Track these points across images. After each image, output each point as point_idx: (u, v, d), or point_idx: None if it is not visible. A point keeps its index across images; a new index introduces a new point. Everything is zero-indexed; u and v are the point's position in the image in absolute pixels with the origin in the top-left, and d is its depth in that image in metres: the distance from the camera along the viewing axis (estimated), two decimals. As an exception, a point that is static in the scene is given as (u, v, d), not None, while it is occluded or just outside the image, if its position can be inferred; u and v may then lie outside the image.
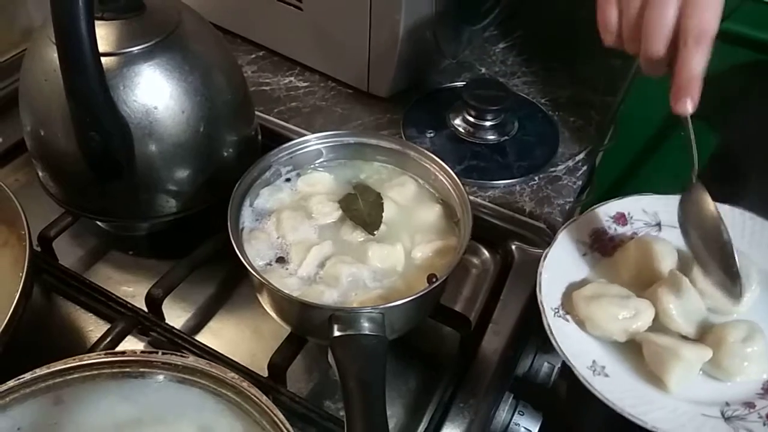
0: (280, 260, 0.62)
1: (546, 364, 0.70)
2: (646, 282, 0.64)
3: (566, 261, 0.66)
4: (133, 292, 0.69)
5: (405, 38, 0.82)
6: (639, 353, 0.60)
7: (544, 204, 0.78)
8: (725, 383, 0.59)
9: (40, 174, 0.69)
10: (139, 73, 0.61)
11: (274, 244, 0.63)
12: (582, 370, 0.57)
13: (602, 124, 0.89)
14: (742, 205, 0.70)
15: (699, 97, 0.56)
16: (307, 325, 0.60)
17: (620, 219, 0.70)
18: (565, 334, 0.60)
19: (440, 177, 0.66)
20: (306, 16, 0.87)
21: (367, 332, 0.54)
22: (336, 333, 0.54)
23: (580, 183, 0.81)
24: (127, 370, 0.51)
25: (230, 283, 0.71)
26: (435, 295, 0.62)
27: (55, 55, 0.56)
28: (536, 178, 0.81)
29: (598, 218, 0.69)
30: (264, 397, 0.49)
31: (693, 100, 0.56)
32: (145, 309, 0.65)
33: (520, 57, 0.98)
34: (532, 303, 0.63)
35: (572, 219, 0.69)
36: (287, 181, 0.68)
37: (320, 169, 0.69)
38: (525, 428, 0.64)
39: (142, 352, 0.52)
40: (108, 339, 0.62)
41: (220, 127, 0.67)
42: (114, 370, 0.51)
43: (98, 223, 0.74)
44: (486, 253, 0.76)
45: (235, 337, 0.67)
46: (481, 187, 0.79)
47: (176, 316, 0.67)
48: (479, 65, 0.97)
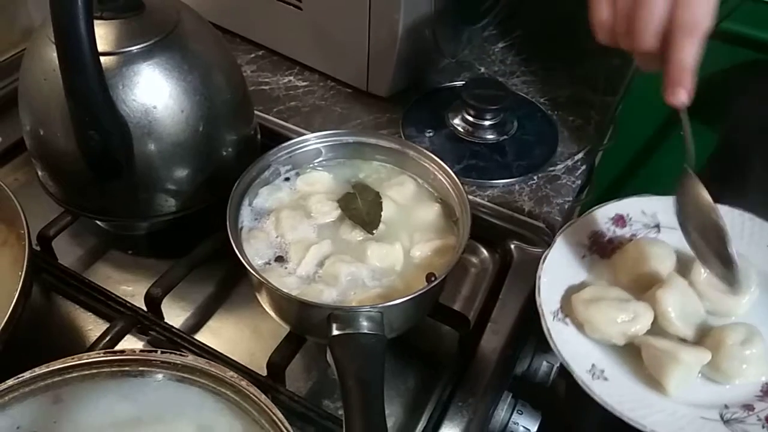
0: (279, 259, 0.62)
1: (545, 363, 0.70)
2: (644, 284, 0.64)
3: (565, 264, 0.66)
4: (133, 291, 0.69)
5: (404, 37, 0.82)
6: (638, 356, 0.60)
7: (543, 203, 0.78)
8: (724, 386, 0.59)
9: (40, 173, 0.69)
10: (138, 73, 0.61)
11: (273, 243, 0.63)
12: (581, 374, 0.57)
13: (601, 123, 0.89)
14: (742, 205, 0.69)
15: (692, 89, 0.56)
16: (306, 324, 0.60)
17: (619, 221, 0.70)
18: (564, 338, 0.60)
19: (439, 176, 0.66)
20: (305, 15, 0.87)
21: (366, 331, 0.54)
22: (335, 332, 0.54)
23: (579, 182, 0.81)
24: (127, 369, 0.51)
25: (229, 283, 0.71)
26: (434, 294, 0.62)
27: (55, 55, 0.56)
28: (535, 178, 0.81)
29: (596, 220, 0.69)
30: (263, 396, 0.49)
31: (686, 91, 0.56)
32: (145, 308, 0.65)
33: (520, 56, 0.98)
34: (531, 302, 0.63)
35: (571, 221, 0.69)
36: (286, 180, 0.68)
37: (319, 169, 0.69)
38: (524, 427, 0.64)
39: (141, 351, 0.52)
40: (107, 338, 0.62)
41: (219, 126, 0.67)
42: (113, 369, 0.51)
43: (97, 222, 0.74)
44: (485, 252, 0.76)
45: (234, 336, 0.67)
46: (480, 187, 0.80)
47: (175, 315, 0.67)
48: (478, 65, 0.97)
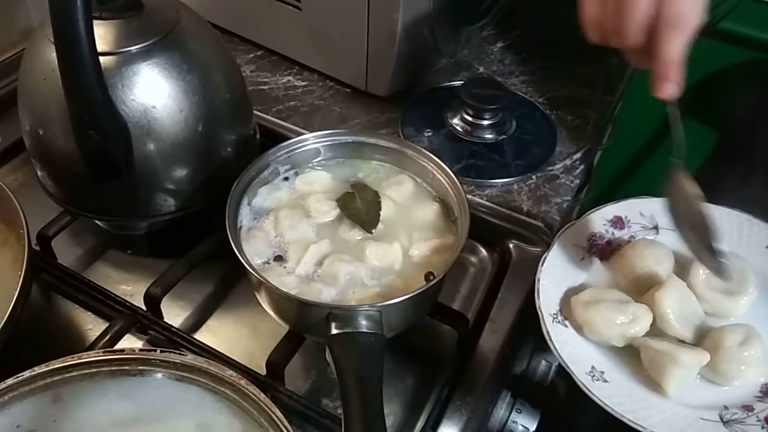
0: (278, 259, 0.62)
1: (543, 362, 0.70)
2: (643, 285, 0.64)
3: (564, 266, 0.66)
4: (132, 290, 0.69)
5: (403, 37, 0.82)
6: (637, 358, 0.60)
7: (542, 203, 0.78)
8: (723, 387, 0.59)
9: (39, 173, 0.69)
10: (137, 73, 0.61)
11: (272, 242, 0.63)
12: (581, 376, 0.57)
13: (600, 123, 0.89)
14: (740, 206, 0.70)
15: (680, 83, 0.56)
16: (305, 323, 0.60)
17: (617, 223, 0.70)
18: (563, 340, 0.60)
19: (438, 175, 0.66)
20: (304, 15, 0.87)
21: (365, 330, 0.54)
22: (334, 331, 0.54)
23: (577, 182, 0.81)
24: (126, 368, 0.51)
25: (228, 282, 0.71)
26: (432, 293, 0.62)
27: (54, 55, 0.56)
28: (534, 177, 0.81)
29: (595, 222, 0.69)
30: (262, 394, 0.49)
31: (673, 84, 0.56)
32: (144, 307, 0.65)
33: (518, 56, 0.99)
34: (530, 301, 0.63)
35: (570, 223, 0.69)
36: (285, 179, 0.68)
37: (318, 168, 0.69)
38: (522, 426, 0.65)
39: (140, 350, 0.52)
40: (107, 337, 0.62)
41: (218, 126, 0.67)
42: (112, 368, 0.51)
43: (97, 222, 0.74)
44: (484, 251, 0.76)
45: (234, 335, 0.67)
46: (478, 186, 0.80)
47: (175, 314, 0.67)
48: (477, 64, 0.97)
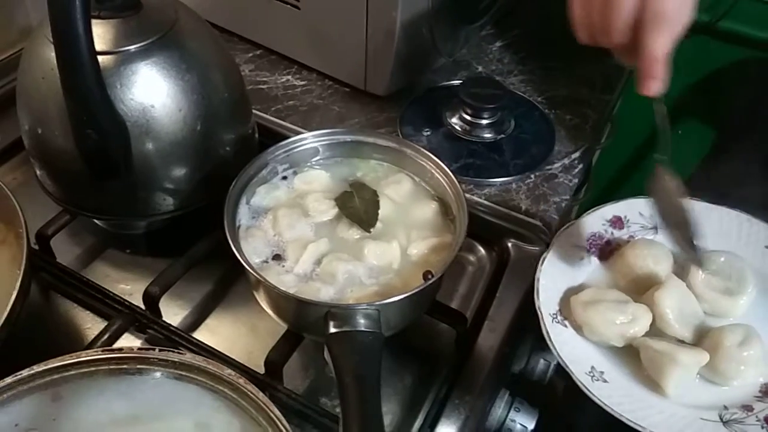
0: (277, 258, 0.62)
1: (542, 360, 0.70)
2: (642, 285, 0.64)
3: (563, 266, 0.66)
4: (131, 289, 0.69)
5: (402, 36, 0.82)
6: (637, 358, 0.60)
7: (540, 202, 0.78)
8: (723, 387, 0.59)
9: (38, 172, 0.69)
10: (136, 72, 0.61)
11: (270, 241, 0.63)
12: (581, 376, 0.57)
13: (598, 122, 0.89)
14: (739, 206, 0.70)
15: (665, 79, 0.56)
16: (303, 322, 0.60)
17: (617, 222, 0.70)
18: (563, 340, 0.60)
19: (436, 174, 0.66)
20: (303, 14, 0.87)
21: (363, 329, 0.54)
22: (332, 329, 0.54)
23: (576, 181, 0.81)
24: (125, 366, 0.51)
25: (227, 281, 0.71)
26: (430, 292, 0.63)
27: (53, 54, 0.56)
28: (532, 176, 0.81)
29: (594, 222, 0.69)
30: (261, 393, 0.49)
31: (657, 81, 0.56)
32: (143, 306, 0.65)
33: (517, 55, 0.99)
34: (528, 300, 0.64)
35: (569, 223, 0.69)
36: (284, 179, 0.68)
37: (317, 167, 0.69)
38: (521, 424, 0.65)
39: (139, 349, 0.52)
40: (105, 336, 0.63)
41: (217, 125, 0.67)
42: (111, 367, 0.51)
43: (96, 221, 0.74)
44: (482, 250, 0.76)
45: (232, 334, 0.67)
46: (477, 185, 0.80)
47: (173, 313, 0.68)
48: (476, 64, 0.97)
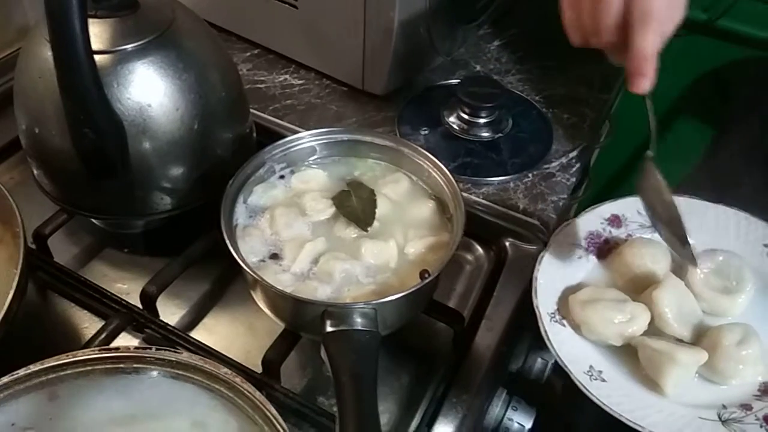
0: (274, 257, 0.62)
1: (539, 359, 0.70)
2: (641, 284, 0.64)
3: (561, 265, 0.66)
4: (128, 289, 0.69)
5: (400, 35, 0.82)
6: (635, 357, 0.60)
7: (538, 201, 0.78)
8: (721, 386, 0.59)
9: (35, 172, 0.69)
10: (133, 71, 0.61)
11: (267, 240, 0.63)
12: (579, 376, 0.57)
13: (596, 121, 0.89)
14: (737, 204, 0.70)
15: (653, 76, 0.57)
16: (300, 321, 0.60)
17: (615, 221, 0.70)
18: (561, 340, 0.60)
19: (433, 174, 0.66)
20: (301, 13, 0.87)
21: (360, 327, 0.54)
22: (329, 328, 0.54)
23: (573, 180, 0.81)
24: (122, 366, 0.51)
25: (224, 280, 0.71)
26: (428, 291, 0.63)
27: (50, 54, 0.56)
28: (530, 175, 0.81)
29: (592, 221, 0.69)
30: (257, 392, 0.49)
31: (646, 79, 0.57)
32: (140, 306, 0.65)
33: (515, 55, 0.99)
34: (526, 299, 0.64)
35: (566, 222, 0.69)
36: (281, 178, 0.68)
37: (314, 166, 0.69)
38: (518, 423, 0.65)
39: (136, 348, 0.52)
40: (102, 335, 0.63)
41: (214, 124, 0.67)
42: (108, 366, 0.51)
43: (93, 220, 0.74)
44: (480, 249, 0.76)
45: (230, 333, 0.67)
46: (475, 184, 0.80)
47: (171, 312, 0.68)
48: (474, 63, 0.97)
